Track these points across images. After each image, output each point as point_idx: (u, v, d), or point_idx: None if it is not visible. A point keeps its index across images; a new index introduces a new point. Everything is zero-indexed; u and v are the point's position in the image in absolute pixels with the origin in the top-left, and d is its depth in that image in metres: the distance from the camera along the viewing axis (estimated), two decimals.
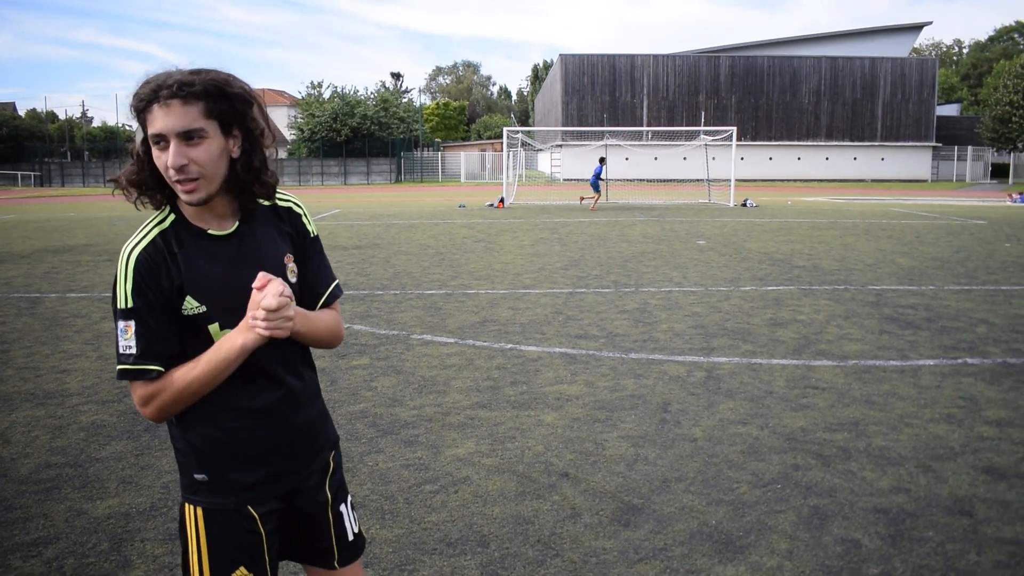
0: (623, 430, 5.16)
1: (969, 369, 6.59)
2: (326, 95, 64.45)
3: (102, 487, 4.31)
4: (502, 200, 28.75)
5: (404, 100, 79.34)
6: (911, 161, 59.37)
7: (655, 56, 58.71)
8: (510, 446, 4.91)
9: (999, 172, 60.56)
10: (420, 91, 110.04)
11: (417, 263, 13.26)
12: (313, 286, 2.12)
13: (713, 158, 35.71)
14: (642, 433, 5.10)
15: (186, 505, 2.02)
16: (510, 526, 3.86)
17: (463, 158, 63.82)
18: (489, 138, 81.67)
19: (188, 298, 1.88)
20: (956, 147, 60.88)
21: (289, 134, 66.88)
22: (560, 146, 55.47)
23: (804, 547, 3.64)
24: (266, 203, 2.03)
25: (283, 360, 2.02)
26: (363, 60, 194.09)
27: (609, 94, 58.17)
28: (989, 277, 11.57)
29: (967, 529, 3.80)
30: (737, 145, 32.50)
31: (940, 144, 60.12)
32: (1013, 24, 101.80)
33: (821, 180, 57.69)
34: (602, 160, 28.34)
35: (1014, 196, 34.50)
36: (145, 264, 1.87)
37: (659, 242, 16.59)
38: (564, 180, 52.51)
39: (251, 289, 1.87)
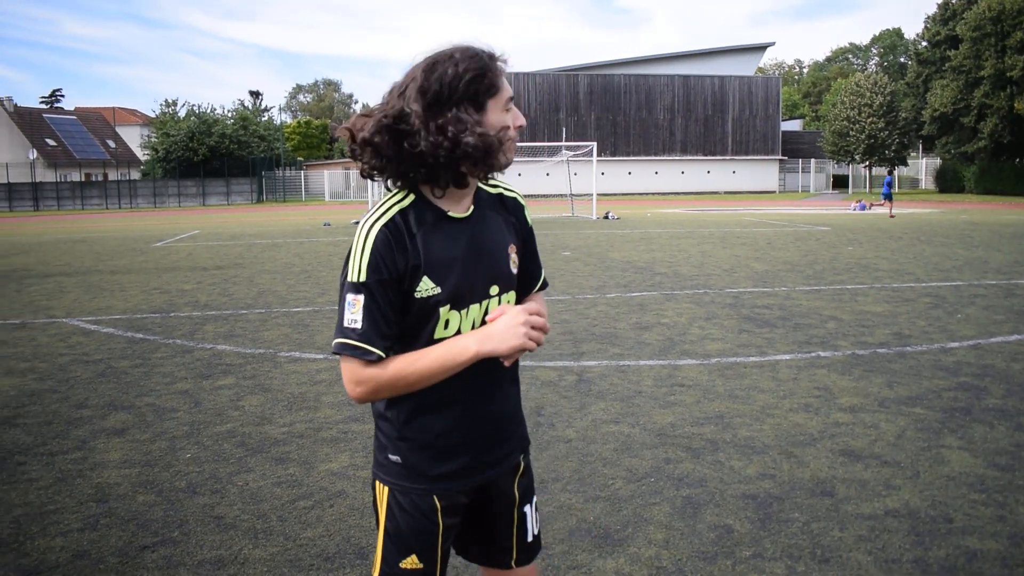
0: None
1: (822, 361, 6.95)
2: (181, 113, 62.11)
3: None
4: None
5: (264, 118, 77.54)
6: (760, 173, 62.55)
7: (516, 74, 59.48)
8: None
9: (840, 183, 64.58)
10: (280, 109, 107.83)
11: (282, 281, 12.92)
12: (529, 276, 2.15)
13: (575, 173, 36.46)
14: None
15: (376, 482, 2.03)
16: None
17: (327, 176, 62.69)
18: None
19: (424, 279, 1.85)
20: (800, 160, 64.57)
21: (143, 154, 64.07)
22: None
23: (680, 535, 3.72)
24: (492, 191, 2.05)
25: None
26: (220, 78, 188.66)
27: None
28: (835, 277, 12.27)
29: (829, 508, 3.99)
30: (597, 160, 33.31)
31: (786, 157, 63.62)
32: (847, 46, 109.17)
33: (678, 193, 59.94)
34: (890, 171, 34.52)
35: (853, 204, 36.85)
36: (384, 240, 1.83)
37: None
38: None
39: (482, 275, 1.93)
